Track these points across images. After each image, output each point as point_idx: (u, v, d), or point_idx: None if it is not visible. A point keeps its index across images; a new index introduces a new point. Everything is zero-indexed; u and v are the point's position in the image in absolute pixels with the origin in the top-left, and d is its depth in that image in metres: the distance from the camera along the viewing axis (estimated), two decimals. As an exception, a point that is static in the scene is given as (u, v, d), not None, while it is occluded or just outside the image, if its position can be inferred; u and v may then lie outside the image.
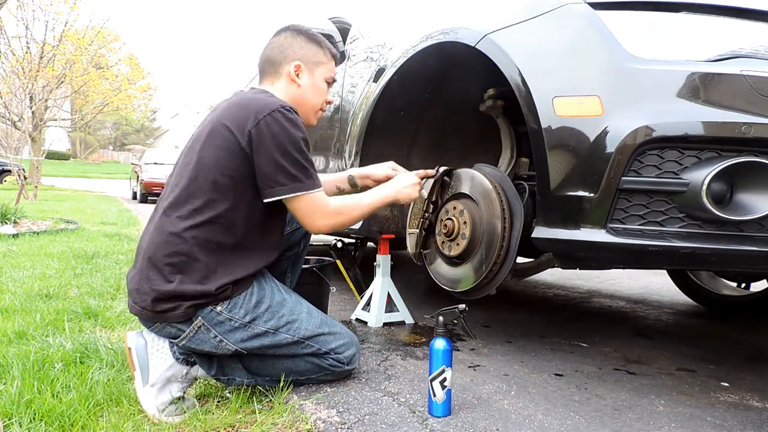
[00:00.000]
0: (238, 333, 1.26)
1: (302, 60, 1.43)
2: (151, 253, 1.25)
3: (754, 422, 1.28)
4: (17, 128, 11.47)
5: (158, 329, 1.28)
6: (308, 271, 1.91)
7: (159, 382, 1.24)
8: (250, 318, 1.27)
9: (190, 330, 1.25)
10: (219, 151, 1.26)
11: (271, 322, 1.29)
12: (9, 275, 2.69)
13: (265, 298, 1.30)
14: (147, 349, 1.27)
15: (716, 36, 1.30)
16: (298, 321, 1.32)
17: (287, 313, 1.32)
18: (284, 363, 1.34)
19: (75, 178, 24.90)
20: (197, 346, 1.27)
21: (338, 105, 2.40)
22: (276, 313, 1.30)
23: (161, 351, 1.28)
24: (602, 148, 1.26)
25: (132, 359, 1.26)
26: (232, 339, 1.26)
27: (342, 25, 2.58)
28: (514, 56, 1.45)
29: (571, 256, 1.49)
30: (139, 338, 1.28)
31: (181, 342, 1.27)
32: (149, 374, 1.24)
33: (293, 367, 1.35)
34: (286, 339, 1.30)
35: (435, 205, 1.82)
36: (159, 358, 1.27)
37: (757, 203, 1.18)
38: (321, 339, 1.34)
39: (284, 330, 1.30)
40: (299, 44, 1.44)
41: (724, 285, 2.60)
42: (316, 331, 1.34)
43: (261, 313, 1.28)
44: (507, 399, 1.37)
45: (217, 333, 1.25)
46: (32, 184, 10.14)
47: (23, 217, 5.33)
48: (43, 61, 13.98)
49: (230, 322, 1.26)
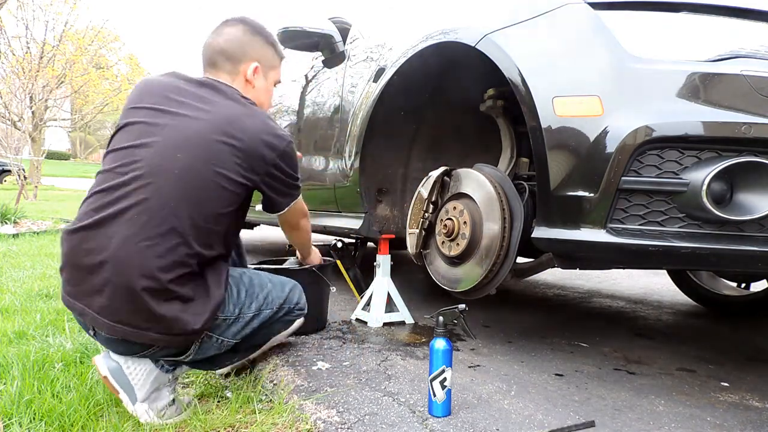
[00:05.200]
0: (233, 327, 1.31)
1: (260, 61, 1.41)
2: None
3: (754, 422, 1.28)
4: (17, 128, 11.48)
5: (152, 352, 1.22)
6: (308, 271, 1.91)
7: (148, 395, 1.22)
8: (238, 310, 1.31)
9: (195, 345, 1.25)
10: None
11: (254, 305, 1.35)
12: (9, 275, 2.69)
13: (240, 286, 1.35)
14: (123, 371, 1.20)
15: (716, 36, 1.30)
16: (269, 292, 1.40)
17: (258, 289, 1.38)
18: (263, 331, 1.42)
19: (75, 178, 24.87)
20: (204, 354, 1.28)
21: (338, 105, 2.40)
22: (252, 294, 1.36)
23: (139, 368, 1.22)
24: (602, 148, 1.26)
25: (112, 385, 1.20)
26: (230, 335, 1.31)
27: (342, 25, 2.57)
28: (514, 56, 1.45)
29: (571, 256, 1.49)
30: (109, 362, 1.21)
31: (188, 358, 1.27)
32: (135, 393, 1.20)
33: (267, 333, 1.44)
34: (270, 312, 1.39)
35: (435, 205, 1.82)
36: (139, 374, 1.21)
37: (757, 203, 1.18)
38: (288, 297, 1.44)
39: (264, 306, 1.38)
40: (259, 45, 1.42)
41: (724, 285, 2.60)
42: (282, 294, 1.43)
43: (243, 301, 1.33)
44: (507, 399, 1.37)
45: (217, 336, 1.28)
46: (32, 184, 10.15)
47: (23, 217, 5.34)
48: (43, 61, 14.00)
49: (225, 322, 1.29)
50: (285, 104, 2.98)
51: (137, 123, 1.22)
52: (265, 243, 5.28)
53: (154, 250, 1.11)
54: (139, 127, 1.21)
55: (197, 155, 1.17)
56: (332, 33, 2.45)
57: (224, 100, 1.26)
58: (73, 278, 1.18)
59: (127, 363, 1.21)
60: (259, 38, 1.42)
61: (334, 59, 2.52)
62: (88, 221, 1.15)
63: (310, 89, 2.76)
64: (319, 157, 2.55)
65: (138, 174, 1.15)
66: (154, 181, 1.14)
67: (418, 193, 1.83)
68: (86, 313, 1.15)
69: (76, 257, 1.16)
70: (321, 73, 2.67)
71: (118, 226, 1.12)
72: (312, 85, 2.75)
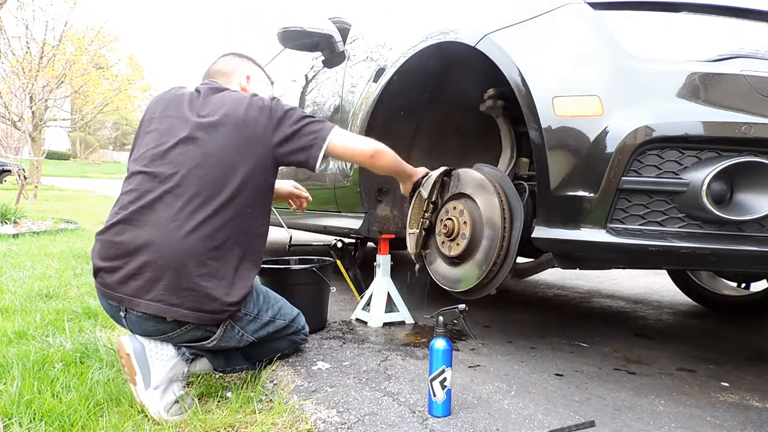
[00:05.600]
0: (252, 325, 1.37)
1: (251, 75, 1.59)
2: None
3: (754, 422, 1.28)
4: (17, 128, 11.48)
5: (179, 334, 1.26)
6: (308, 271, 1.92)
7: (162, 384, 1.25)
8: (257, 311, 1.39)
9: (220, 330, 1.30)
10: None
11: (270, 312, 1.42)
12: (9, 275, 2.69)
13: (259, 292, 1.42)
14: (146, 353, 1.25)
15: (716, 36, 1.30)
16: (282, 306, 1.48)
17: (273, 302, 1.46)
18: (271, 345, 1.49)
19: (75, 178, 24.91)
20: (226, 343, 1.34)
21: (338, 105, 2.40)
22: (268, 302, 1.43)
23: (161, 353, 1.27)
24: (602, 147, 1.26)
25: (132, 364, 1.23)
26: (249, 331, 1.37)
27: (342, 25, 2.57)
28: (514, 56, 1.45)
29: (571, 256, 1.49)
30: (135, 342, 1.25)
31: (211, 343, 1.31)
32: (151, 378, 1.24)
33: (276, 347, 1.51)
34: (282, 323, 1.46)
35: (435, 205, 1.82)
36: (160, 360, 1.26)
37: (757, 203, 1.18)
38: (297, 319, 1.52)
39: (279, 316, 1.45)
40: (248, 64, 1.61)
41: (724, 285, 2.60)
42: (292, 313, 1.51)
43: (262, 305, 1.40)
44: (507, 399, 1.37)
45: (239, 328, 1.34)
46: (32, 184, 10.15)
47: (23, 217, 5.34)
48: (43, 61, 13.99)
49: (246, 317, 1.35)
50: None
51: (154, 131, 1.35)
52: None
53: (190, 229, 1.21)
54: (155, 134, 1.33)
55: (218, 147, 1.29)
56: (332, 33, 2.46)
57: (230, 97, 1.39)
58: (108, 270, 1.24)
59: (150, 345, 1.27)
60: (248, 60, 1.62)
61: (334, 59, 2.52)
62: (119, 217, 1.24)
63: (310, 89, 2.76)
64: (319, 157, 2.55)
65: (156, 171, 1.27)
66: (180, 170, 1.25)
67: (418, 193, 1.83)
68: (123, 299, 1.23)
69: (109, 251, 1.24)
70: (321, 73, 2.67)
71: (151, 214, 1.23)
72: (312, 85, 2.75)
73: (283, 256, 2.18)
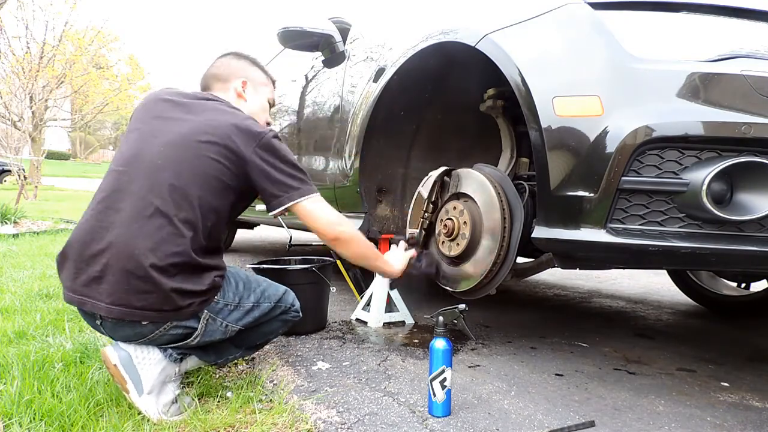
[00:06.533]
0: (235, 314, 1.34)
1: (248, 78, 1.53)
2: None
3: (754, 422, 1.28)
4: (17, 128, 11.47)
5: (159, 335, 1.24)
6: (308, 271, 1.92)
7: (155, 387, 1.23)
8: (238, 299, 1.35)
9: (201, 325, 1.28)
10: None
11: (252, 297, 1.39)
12: (9, 275, 2.69)
13: (238, 279, 1.39)
14: (132, 360, 1.23)
15: (716, 36, 1.30)
16: (265, 288, 1.44)
17: (255, 285, 1.42)
18: (262, 328, 1.45)
19: (75, 178, 24.88)
20: (210, 337, 1.31)
21: (338, 105, 2.40)
22: (249, 288, 1.40)
23: (147, 358, 1.25)
24: (602, 148, 1.26)
25: (121, 374, 1.21)
26: (233, 320, 1.33)
27: (342, 25, 2.57)
28: (514, 56, 1.45)
29: (571, 256, 1.49)
30: (120, 352, 1.23)
31: (195, 340, 1.29)
32: (143, 384, 1.22)
33: (267, 330, 1.46)
34: (268, 306, 1.41)
35: (435, 205, 1.82)
36: (148, 364, 1.24)
37: (757, 203, 1.18)
38: (283, 298, 1.46)
39: (263, 299, 1.41)
40: (245, 65, 1.56)
41: (724, 285, 2.60)
42: (278, 292, 1.46)
43: (242, 292, 1.37)
44: (507, 399, 1.37)
45: (221, 320, 1.31)
46: (32, 184, 10.14)
47: (23, 217, 5.33)
48: (43, 61, 13.98)
49: (227, 307, 1.32)
50: (285, 104, 2.98)
51: (135, 131, 1.35)
52: (265, 243, 5.28)
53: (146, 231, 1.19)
54: (135, 135, 1.33)
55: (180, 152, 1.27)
56: (332, 33, 2.46)
57: (213, 106, 1.37)
58: (71, 272, 1.22)
59: (137, 352, 1.25)
60: (245, 60, 1.57)
61: (334, 59, 2.52)
62: (84, 219, 1.25)
63: (310, 89, 2.76)
64: (319, 157, 2.55)
65: (125, 170, 1.26)
66: (142, 173, 1.24)
67: (418, 193, 1.83)
68: (86, 302, 1.20)
69: (75, 251, 1.22)
70: (321, 73, 2.67)
71: (114, 215, 1.21)
72: (312, 85, 2.75)
73: (283, 256, 2.18)
